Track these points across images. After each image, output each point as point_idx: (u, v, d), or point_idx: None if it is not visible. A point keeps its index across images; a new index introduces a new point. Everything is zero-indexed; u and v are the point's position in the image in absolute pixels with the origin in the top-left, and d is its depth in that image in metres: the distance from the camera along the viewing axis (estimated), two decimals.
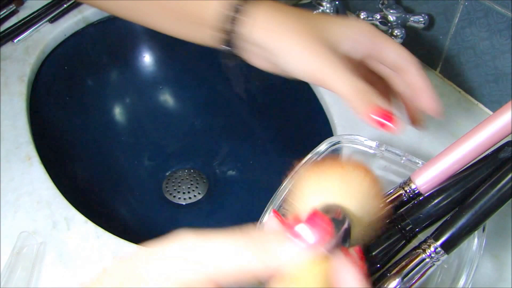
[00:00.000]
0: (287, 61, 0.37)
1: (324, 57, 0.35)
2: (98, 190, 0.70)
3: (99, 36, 0.79)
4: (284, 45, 0.36)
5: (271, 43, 0.37)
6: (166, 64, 0.84)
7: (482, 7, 0.55)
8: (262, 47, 0.38)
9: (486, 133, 0.35)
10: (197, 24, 0.40)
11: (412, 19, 0.60)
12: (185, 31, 0.41)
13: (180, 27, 0.41)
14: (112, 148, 0.77)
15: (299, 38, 0.36)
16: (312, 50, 0.36)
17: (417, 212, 0.36)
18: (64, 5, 0.75)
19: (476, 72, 0.59)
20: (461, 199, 0.35)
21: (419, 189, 0.37)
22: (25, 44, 0.70)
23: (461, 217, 0.34)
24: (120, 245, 0.46)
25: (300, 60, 0.36)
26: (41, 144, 0.58)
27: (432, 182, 0.36)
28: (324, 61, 0.35)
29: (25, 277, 0.43)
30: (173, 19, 0.41)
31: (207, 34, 0.39)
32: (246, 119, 0.82)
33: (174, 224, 0.72)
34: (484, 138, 0.35)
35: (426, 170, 0.37)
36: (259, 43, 0.37)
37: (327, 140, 0.43)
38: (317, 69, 0.35)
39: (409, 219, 0.36)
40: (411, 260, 0.35)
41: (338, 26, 0.38)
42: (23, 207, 0.49)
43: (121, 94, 0.82)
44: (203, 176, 0.76)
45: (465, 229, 0.34)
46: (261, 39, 0.37)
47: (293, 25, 0.37)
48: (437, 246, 0.34)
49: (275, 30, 0.37)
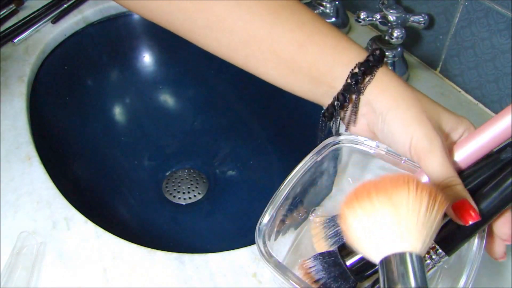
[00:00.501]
0: (393, 130, 0.36)
1: (434, 141, 0.35)
2: (98, 190, 0.70)
3: (99, 36, 0.79)
4: (400, 112, 0.36)
5: (388, 107, 0.36)
6: (166, 64, 0.84)
7: (482, 7, 0.55)
8: (373, 109, 0.37)
9: (488, 135, 0.35)
10: (315, 80, 0.38)
11: (412, 19, 0.60)
12: (297, 85, 0.40)
13: (292, 81, 0.40)
14: (112, 148, 0.77)
15: (416, 111, 0.36)
16: (426, 128, 0.35)
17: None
18: (64, 5, 0.75)
19: (476, 72, 0.59)
20: None
21: None
22: (25, 44, 0.70)
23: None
24: (120, 245, 0.46)
25: (410, 133, 0.35)
26: (41, 144, 0.58)
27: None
28: (432, 145, 0.34)
29: (25, 277, 0.43)
30: (288, 73, 0.39)
31: (322, 90, 0.39)
32: (246, 119, 0.82)
33: (174, 224, 0.72)
34: (487, 140, 0.35)
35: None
36: (375, 105, 0.37)
37: (327, 140, 0.43)
38: (422, 148, 0.35)
39: None
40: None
41: (454, 116, 0.38)
42: (23, 207, 0.49)
43: (121, 94, 0.82)
44: (203, 176, 0.76)
45: (467, 231, 0.34)
46: (378, 101, 0.37)
47: (413, 98, 0.36)
48: (438, 248, 0.34)
49: (394, 96, 0.36)
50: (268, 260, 0.37)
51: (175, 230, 0.71)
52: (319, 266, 0.37)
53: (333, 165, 0.46)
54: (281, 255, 0.44)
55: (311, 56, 0.38)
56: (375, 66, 0.37)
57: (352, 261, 0.36)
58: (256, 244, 0.37)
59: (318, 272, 0.37)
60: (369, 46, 0.63)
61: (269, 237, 0.39)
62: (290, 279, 0.36)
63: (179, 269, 0.44)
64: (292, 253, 0.44)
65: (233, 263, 0.45)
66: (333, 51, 0.38)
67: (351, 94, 0.37)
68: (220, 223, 0.71)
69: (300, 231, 0.46)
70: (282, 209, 0.41)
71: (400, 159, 0.42)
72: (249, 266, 0.44)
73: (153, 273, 0.44)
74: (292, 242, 0.45)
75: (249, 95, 0.81)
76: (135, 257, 0.45)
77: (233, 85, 0.82)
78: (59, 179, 0.54)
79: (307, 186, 0.44)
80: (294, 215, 0.44)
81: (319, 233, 0.41)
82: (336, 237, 0.40)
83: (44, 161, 0.54)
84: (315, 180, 0.45)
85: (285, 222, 0.43)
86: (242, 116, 0.82)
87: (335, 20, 0.70)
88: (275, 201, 0.39)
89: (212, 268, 0.44)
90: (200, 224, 0.72)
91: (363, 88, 0.37)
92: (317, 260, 0.38)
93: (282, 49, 0.38)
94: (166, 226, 0.71)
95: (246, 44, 0.38)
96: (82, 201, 0.57)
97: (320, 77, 0.38)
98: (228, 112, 0.83)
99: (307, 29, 0.38)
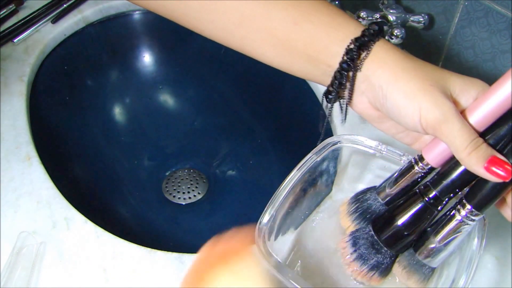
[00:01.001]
0: (398, 104, 0.35)
1: (445, 109, 0.33)
2: (98, 190, 0.70)
3: (99, 36, 0.79)
4: (401, 85, 0.35)
5: (387, 81, 0.35)
6: (166, 64, 0.84)
7: (482, 7, 0.55)
8: (372, 84, 0.36)
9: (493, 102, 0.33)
10: (313, 59, 0.38)
11: (412, 19, 0.60)
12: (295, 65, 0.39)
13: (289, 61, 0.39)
14: (112, 148, 0.77)
15: (419, 82, 0.34)
16: (433, 97, 0.34)
17: (442, 181, 0.36)
18: (64, 5, 0.75)
19: (476, 72, 0.59)
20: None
21: (431, 164, 0.37)
22: (25, 44, 0.70)
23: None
24: (120, 245, 0.46)
25: (417, 105, 0.34)
26: (41, 144, 0.58)
27: (443, 156, 0.36)
28: (444, 113, 0.33)
29: (25, 277, 0.43)
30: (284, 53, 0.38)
31: (320, 69, 0.38)
32: (246, 119, 0.82)
33: (174, 224, 0.72)
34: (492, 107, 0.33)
35: (437, 145, 0.36)
36: (374, 80, 0.36)
37: (327, 140, 0.43)
38: (434, 118, 0.33)
39: (435, 190, 0.36)
40: (446, 223, 0.36)
41: (461, 80, 0.36)
42: (23, 207, 0.49)
43: (121, 94, 0.82)
44: (203, 176, 0.76)
45: (498, 187, 0.33)
46: (376, 76, 0.36)
47: (413, 68, 0.35)
48: (472, 206, 0.34)
49: (394, 69, 0.35)
50: (268, 260, 0.37)
51: (175, 230, 0.71)
52: (354, 240, 0.39)
53: (333, 165, 0.46)
54: (281, 255, 0.44)
55: (306, 34, 0.37)
56: (371, 41, 0.36)
57: (385, 235, 0.38)
58: (256, 244, 0.37)
59: (354, 245, 0.39)
60: None
61: (269, 237, 0.39)
62: (290, 279, 0.36)
63: (179, 269, 0.44)
64: (292, 253, 0.44)
65: None
66: (328, 28, 0.37)
67: (348, 71, 0.36)
68: (220, 223, 0.71)
69: (300, 231, 0.46)
70: (282, 209, 0.41)
71: (400, 158, 0.42)
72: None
73: (153, 273, 0.44)
74: (292, 242, 0.45)
75: (249, 95, 0.81)
76: (135, 257, 0.45)
77: (233, 85, 0.82)
78: (59, 179, 0.54)
79: (307, 186, 0.44)
80: (294, 215, 0.44)
81: (344, 210, 0.42)
82: (357, 212, 0.41)
83: (44, 161, 0.54)
84: (315, 180, 0.45)
85: (285, 222, 0.43)
86: (242, 116, 0.82)
87: None
88: (275, 201, 0.39)
89: None
90: (200, 224, 0.72)
91: (360, 64, 0.36)
92: (353, 236, 0.40)
93: (276, 27, 0.37)
94: (166, 226, 0.71)
95: (241, 24, 0.38)
96: (82, 201, 0.57)
97: (317, 56, 0.37)
98: (228, 112, 0.83)
99: (302, 7, 0.37)
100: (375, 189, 0.41)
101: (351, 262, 0.39)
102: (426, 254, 0.37)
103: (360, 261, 0.38)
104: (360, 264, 0.38)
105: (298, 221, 0.46)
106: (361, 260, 0.38)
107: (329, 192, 0.49)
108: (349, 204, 0.42)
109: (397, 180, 0.39)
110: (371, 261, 0.38)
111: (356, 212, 0.41)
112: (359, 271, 0.39)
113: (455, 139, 0.33)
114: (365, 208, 0.41)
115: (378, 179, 0.47)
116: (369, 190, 0.42)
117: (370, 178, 0.48)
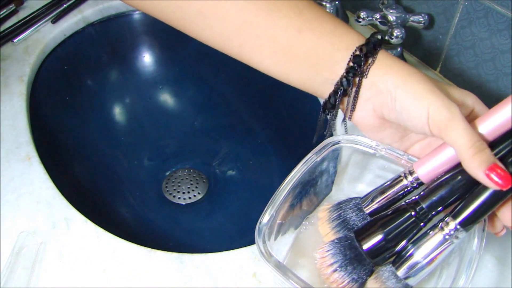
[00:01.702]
0: (407, 105, 0.35)
1: (452, 109, 0.34)
2: (98, 190, 0.70)
3: (99, 36, 0.79)
4: (409, 87, 0.35)
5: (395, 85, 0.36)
6: (166, 64, 0.84)
7: (482, 7, 0.55)
8: (379, 90, 0.36)
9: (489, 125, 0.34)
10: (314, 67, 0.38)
11: (412, 19, 0.60)
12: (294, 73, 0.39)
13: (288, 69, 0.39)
14: (112, 148, 0.77)
15: (426, 85, 0.35)
16: (440, 98, 0.34)
17: (431, 197, 0.36)
18: (64, 5, 0.75)
19: (476, 72, 0.59)
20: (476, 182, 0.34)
21: (421, 179, 0.37)
22: (25, 44, 0.70)
23: (481, 195, 0.34)
24: (120, 245, 0.46)
25: (426, 106, 0.34)
26: (41, 144, 0.58)
27: (435, 172, 0.36)
28: (451, 113, 0.34)
29: (25, 277, 0.43)
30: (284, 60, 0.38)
31: (321, 77, 0.38)
32: (246, 119, 0.82)
33: (174, 224, 0.72)
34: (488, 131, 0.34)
35: (429, 160, 0.36)
36: (381, 85, 0.36)
37: (327, 140, 0.43)
38: (442, 118, 0.34)
39: (423, 204, 0.36)
40: (430, 239, 0.35)
41: (458, 91, 0.38)
42: (23, 207, 0.49)
43: (121, 94, 0.82)
44: (203, 176, 0.76)
45: (485, 206, 0.34)
46: (383, 81, 0.36)
47: (418, 73, 0.36)
48: (457, 224, 0.34)
49: (400, 74, 0.36)
50: (268, 260, 0.37)
51: (175, 230, 0.71)
52: (335, 249, 0.38)
53: (333, 165, 0.46)
54: (281, 255, 0.44)
55: (309, 42, 0.37)
56: (377, 48, 0.37)
57: (369, 246, 0.37)
58: (256, 244, 0.37)
59: (334, 255, 0.38)
60: None
61: (269, 237, 0.39)
62: (290, 279, 0.36)
63: (179, 269, 0.44)
64: (292, 253, 0.44)
65: (233, 263, 0.45)
66: (332, 36, 0.37)
67: (354, 77, 0.37)
68: (220, 223, 0.71)
69: (300, 231, 0.46)
70: (282, 209, 0.41)
71: (400, 158, 0.42)
72: (249, 266, 0.44)
73: (153, 273, 0.44)
74: (292, 242, 0.45)
75: (249, 95, 0.81)
76: (135, 257, 0.45)
77: (233, 85, 0.82)
78: (59, 179, 0.54)
79: (307, 186, 0.44)
80: (294, 215, 0.44)
81: (324, 217, 0.42)
82: (339, 220, 0.40)
83: (44, 161, 0.54)
84: (315, 180, 0.45)
85: (285, 222, 0.43)
86: (242, 116, 0.82)
87: None
88: (275, 201, 0.39)
89: (212, 268, 0.44)
90: (200, 224, 0.72)
91: (366, 70, 0.36)
92: (334, 244, 0.39)
93: (278, 35, 0.37)
94: (166, 226, 0.71)
95: (240, 31, 0.38)
96: (82, 201, 0.57)
97: (320, 63, 0.37)
98: (228, 112, 0.83)
99: (305, 15, 0.37)
100: (359, 199, 0.41)
101: (331, 273, 0.37)
102: (407, 270, 0.36)
103: (341, 272, 0.37)
104: (341, 275, 0.37)
105: (298, 221, 0.46)
106: (342, 271, 0.37)
107: (329, 192, 0.49)
108: (331, 211, 0.41)
109: (384, 192, 0.39)
110: (353, 273, 0.37)
111: (337, 220, 0.40)
112: (339, 282, 0.37)
113: (460, 138, 0.33)
114: (347, 217, 0.40)
115: (378, 179, 0.47)
116: (353, 199, 0.41)
117: (370, 178, 0.48)
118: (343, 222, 0.40)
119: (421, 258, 0.35)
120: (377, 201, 0.39)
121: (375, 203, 0.39)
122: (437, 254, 0.35)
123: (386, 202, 0.39)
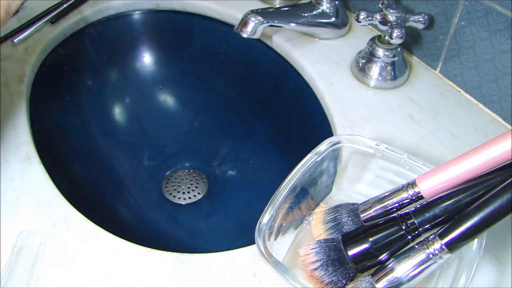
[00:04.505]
0: None
1: None
2: (98, 190, 0.70)
3: (99, 36, 0.79)
4: None
5: None
6: (166, 64, 0.84)
7: (482, 7, 0.55)
8: None
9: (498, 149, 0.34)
10: None
11: (412, 19, 0.60)
12: None
13: None
14: (112, 148, 0.77)
15: None
16: None
17: (424, 213, 0.36)
18: (64, 5, 0.75)
19: (476, 72, 0.59)
20: (470, 203, 0.35)
21: (422, 194, 0.37)
22: (25, 44, 0.70)
23: (470, 218, 0.34)
24: (120, 245, 0.46)
25: None
26: (41, 144, 0.58)
27: (436, 189, 0.36)
28: None
29: (25, 277, 0.43)
30: None
31: None
32: (246, 119, 0.82)
33: (174, 224, 0.72)
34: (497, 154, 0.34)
35: (432, 176, 0.37)
36: None
37: (327, 140, 0.43)
38: None
39: (415, 219, 0.36)
40: (413, 255, 0.35)
41: None
42: (23, 207, 0.49)
43: (121, 94, 0.82)
44: (203, 176, 0.76)
45: (473, 230, 0.34)
46: None
47: None
48: (442, 244, 0.34)
49: None
50: (268, 260, 0.37)
51: (175, 230, 0.71)
52: (319, 248, 0.38)
53: (333, 165, 0.46)
54: (281, 255, 0.44)
55: None
56: None
57: (354, 251, 0.37)
58: (256, 244, 0.37)
59: (318, 254, 0.38)
60: (369, 46, 0.63)
61: (269, 237, 0.39)
62: (290, 279, 0.36)
63: (179, 269, 0.44)
64: (292, 253, 0.44)
65: (233, 263, 0.45)
66: None
67: None
68: (220, 223, 0.71)
69: (300, 231, 0.46)
70: (282, 209, 0.41)
71: (400, 158, 0.42)
72: (249, 266, 0.44)
73: (153, 273, 0.44)
74: (292, 242, 0.45)
75: (249, 95, 0.81)
76: (135, 257, 0.45)
77: (233, 85, 0.82)
78: (59, 179, 0.54)
79: (307, 186, 0.44)
80: (294, 215, 0.44)
81: (319, 218, 0.42)
82: (333, 222, 0.40)
83: (44, 161, 0.54)
84: (315, 180, 0.45)
85: (285, 222, 0.43)
86: (242, 116, 0.82)
87: (335, 20, 0.70)
88: (275, 201, 0.39)
89: (212, 268, 0.44)
90: (200, 224, 0.72)
91: None
92: (319, 243, 0.39)
93: None
94: (166, 226, 0.71)
95: None
96: (82, 201, 0.57)
97: None
98: (228, 112, 0.83)
99: None
100: (358, 205, 0.41)
101: (313, 270, 0.37)
102: (386, 284, 0.36)
103: (321, 271, 0.37)
104: (321, 274, 0.37)
105: (298, 221, 0.46)
106: (322, 270, 0.37)
107: (329, 192, 0.49)
108: (327, 213, 0.41)
109: (383, 201, 0.39)
110: (332, 275, 0.37)
111: (332, 222, 0.40)
112: (318, 281, 0.37)
113: None
114: (342, 221, 0.40)
115: (378, 179, 0.47)
116: (352, 205, 0.41)
117: (370, 178, 0.48)
118: (338, 225, 0.40)
119: (402, 274, 0.35)
120: (374, 209, 0.39)
121: (372, 211, 0.39)
122: (419, 272, 0.35)
123: (384, 211, 0.39)
